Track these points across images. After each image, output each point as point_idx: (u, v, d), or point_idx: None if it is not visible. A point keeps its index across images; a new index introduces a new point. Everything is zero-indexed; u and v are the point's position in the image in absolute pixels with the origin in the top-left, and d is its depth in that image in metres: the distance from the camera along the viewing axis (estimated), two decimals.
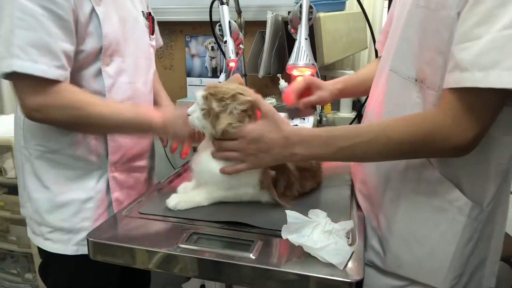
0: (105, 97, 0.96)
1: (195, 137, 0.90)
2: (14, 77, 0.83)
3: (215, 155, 0.84)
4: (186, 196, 0.91)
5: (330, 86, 1.04)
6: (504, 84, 0.57)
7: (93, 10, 0.90)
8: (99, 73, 0.95)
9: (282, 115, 0.89)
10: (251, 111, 0.81)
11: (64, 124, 0.90)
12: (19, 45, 0.81)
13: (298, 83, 1.03)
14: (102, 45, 0.93)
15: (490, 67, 0.58)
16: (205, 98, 0.82)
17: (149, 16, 1.15)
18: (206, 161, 0.87)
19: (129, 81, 1.02)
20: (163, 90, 1.28)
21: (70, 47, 0.88)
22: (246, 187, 0.88)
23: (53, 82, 0.85)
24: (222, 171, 0.83)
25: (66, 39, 0.87)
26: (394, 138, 0.69)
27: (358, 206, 0.91)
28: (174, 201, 0.89)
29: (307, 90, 1.03)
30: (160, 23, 2.59)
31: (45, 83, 0.84)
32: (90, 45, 0.92)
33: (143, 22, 1.10)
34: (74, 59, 0.90)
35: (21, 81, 0.84)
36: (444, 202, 0.73)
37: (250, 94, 0.82)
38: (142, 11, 1.11)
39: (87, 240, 0.78)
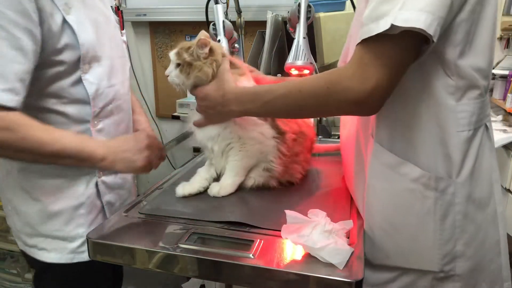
0: (89, 104, 0.93)
1: (149, 168, 0.93)
2: None
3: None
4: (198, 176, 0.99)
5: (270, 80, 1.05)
6: (387, 26, 0.61)
7: (64, 20, 0.85)
8: (79, 81, 0.91)
9: None
10: (213, 55, 0.89)
11: None
12: None
13: None
14: (80, 55, 0.89)
15: (381, 17, 0.63)
16: (177, 53, 0.90)
17: (117, 11, 1.09)
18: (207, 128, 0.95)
19: (109, 84, 0.98)
20: (133, 94, 1.23)
21: (25, 69, 0.80)
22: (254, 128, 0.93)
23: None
24: (194, 124, 0.95)
25: (20, 60, 0.79)
26: (304, 91, 0.74)
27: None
28: (182, 189, 0.95)
29: None
30: (160, 23, 2.61)
31: None
32: (67, 55, 0.87)
33: (114, 19, 1.05)
34: (51, 70, 0.86)
35: None
36: (409, 182, 0.73)
37: (216, 45, 0.92)
38: (111, 6, 1.06)
39: (87, 240, 0.78)
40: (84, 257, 0.97)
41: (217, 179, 0.99)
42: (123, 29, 1.11)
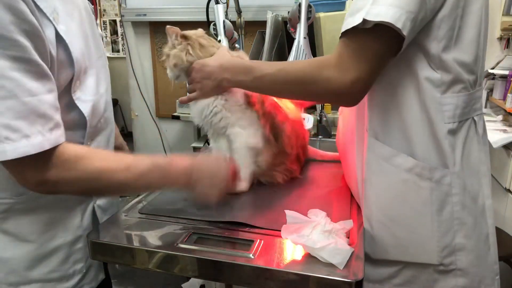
0: (84, 127, 0.78)
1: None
2: (6, 163, 0.65)
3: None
4: None
5: None
6: (360, 20, 0.64)
7: (56, 32, 0.68)
8: (71, 103, 0.75)
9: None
10: (187, 40, 0.95)
11: (76, 194, 0.79)
12: (4, 123, 0.62)
13: None
14: (74, 73, 0.72)
15: (357, 11, 0.66)
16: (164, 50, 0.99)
17: None
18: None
19: (99, 94, 0.83)
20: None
21: (54, 95, 0.68)
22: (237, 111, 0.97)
23: (54, 149, 0.67)
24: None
25: (47, 88, 0.66)
26: (292, 73, 0.78)
27: (358, 205, 0.91)
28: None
29: None
30: (160, 23, 2.61)
31: (45, 155, 0.66)
32: (62, 78, 0.71)
33: (90, 9, 0.87)
34: None
35: (15, 165, 0.65)
36: (403, 173, 0.74)
37: (190, 32, 0.97)
38: None
39: (87, 240, 0.78)
40: None
41: None
42: (97, 18, 0.96)
